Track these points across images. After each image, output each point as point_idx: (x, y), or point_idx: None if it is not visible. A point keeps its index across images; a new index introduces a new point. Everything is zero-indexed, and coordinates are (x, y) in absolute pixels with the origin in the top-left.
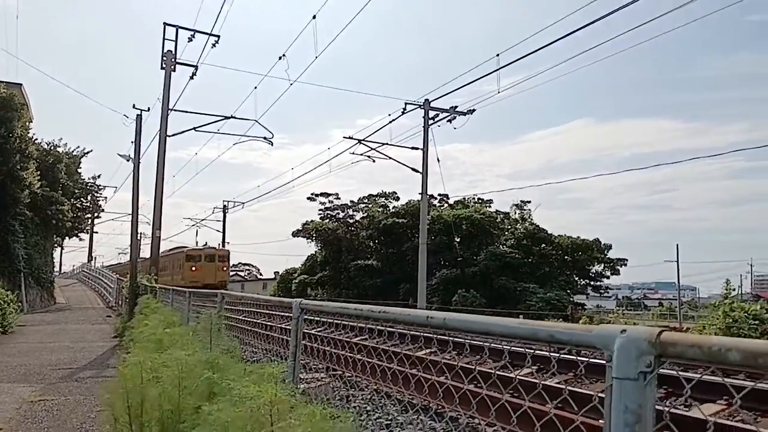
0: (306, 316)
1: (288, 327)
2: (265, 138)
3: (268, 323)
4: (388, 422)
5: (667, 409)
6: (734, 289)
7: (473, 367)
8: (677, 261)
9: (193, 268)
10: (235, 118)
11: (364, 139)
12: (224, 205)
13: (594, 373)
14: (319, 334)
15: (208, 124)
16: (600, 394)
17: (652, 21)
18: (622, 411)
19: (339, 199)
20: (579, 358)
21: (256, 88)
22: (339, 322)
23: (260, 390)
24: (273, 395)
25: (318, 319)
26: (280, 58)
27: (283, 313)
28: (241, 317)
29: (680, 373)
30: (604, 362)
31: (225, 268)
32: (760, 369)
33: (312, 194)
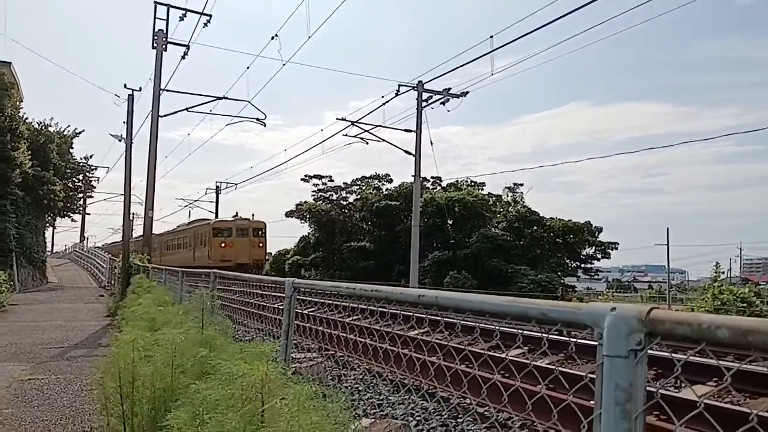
0: (299, 296)
1: (281, 307)
2: (257, 119)
3: (261, 303)
4: (380, 402)
5: (656, 389)
6: (723, 273)
7: (464, 347)
8: (667, 244)
9: (223, 245)
10: (227, 98)
11: (357, 121)
12: (217, 187)
13: (585, 354)
14: (312, 313)
15: (201, 104)
16: (591, 375)
17: (645, 4)
18: (613, 389)
19: (332, 181)
20: (570, 339)
21: (248, 68)
22: (331, 302)
23: (251, 368)
24: (264, 374)
25: (311, 299)
26: (272, 38)
27: (275, 293)
28: (234, 297)
29: (672, 354)
30: (594, 343)
31: (261, 244)
32: (750, 347)
33: (305, 176)
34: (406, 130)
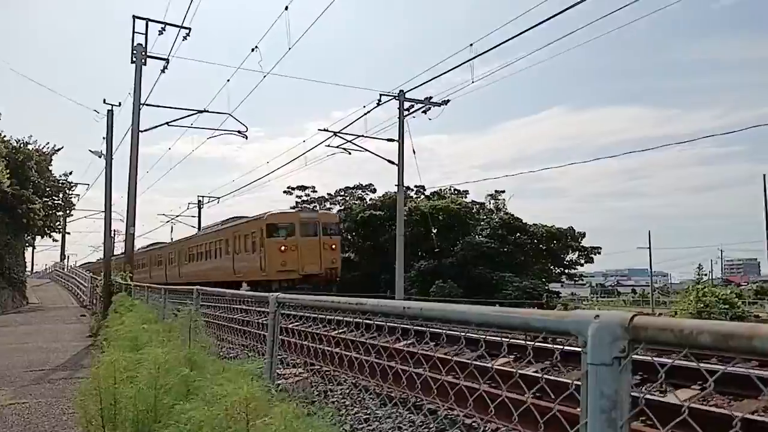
0: (284, 311)
1: (265, 322)
2: (239, 132)
3: (245, 318)
4: (367, 416)
5: (641, 396)
6: (706, 275)
7: (450, 357)
8: (649, 248)
9: (283, 248)
10: (208, 112)
11: (339, 132)
12: (199, 201)
13: (570, 361)
14: (297, 328)
15: (182, 118)
16: (576, 382)
17: (624, 8)
18: (598, 397)
19: (315, 192)
20: (555, 346)
21: (228, 80)
22: (317, 315)
23: (235, 387)
24: (247, 393)
25: (296, 313)
26: (252, 50)
27: (260, 309)
28: (218, 313)
29: (654, 358)
30: (579, 350)
31: (335, 246)
32: (731, 351)
33: (288, 188)
34: (388, 140)
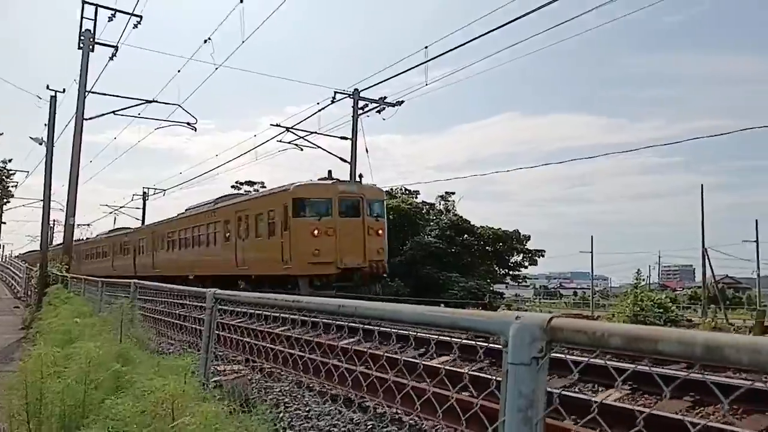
0: (227, 307)
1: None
2: (188, 123)
3: (184, 313)
4: (306, 413)
5: (556, 394)
6: (644, 279)
7: (382, 353)
8: (591, 252)
9: (316, 232)
10: (157, 102)
11: (292, 127)
12: (144, 192)
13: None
14: (240, 324)
15: (129, 107)
16: (499, 379)
17: (576, 18)
18: (517, 396)
19: (265, 187)
20: (488, 344)
21: (179, 71)
22: (261, 312)
23: (165, 383)
24: (174, 389)
25: (240, 309)
26: (205, 41)
27: (201, 304)
28: (158, 307)
29: (567, 356)
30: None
31: (382, 232)
32: (639, 353)
33: (236, 182)
34: (342, 138)
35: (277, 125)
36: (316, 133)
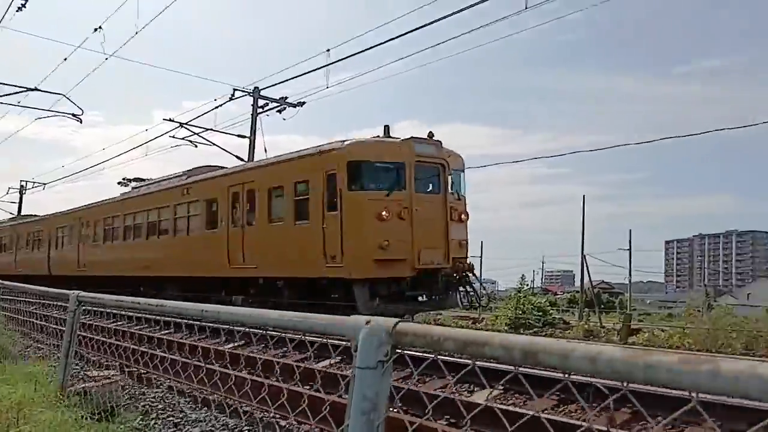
0: (93, 308)
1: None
2: (73, 114)
3: (49, 314)
4: (179, 420)
5: (398, 395)
6: (528, 284)
7: (260, 357)
8: (480, 257)
9: (385, 213)
10: (40, 90)
11: (186, 123)
12: (21, 185)
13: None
14: (118, 327)
15: (8, 95)
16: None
17: (477, 30)
18: (361, 400)
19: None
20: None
21: (66, 59)
22: (137, 315)
23: (12, 391)
24: (21, 397)
25: (111, 311)
26: (95, 30)
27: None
28: (29, 309)
29: (413, 352)
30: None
31: (465, 216)
32: (470, 355)
33: (124, 178)
34: (239, 136)
35: (171, 120)
36: (211, 129)
